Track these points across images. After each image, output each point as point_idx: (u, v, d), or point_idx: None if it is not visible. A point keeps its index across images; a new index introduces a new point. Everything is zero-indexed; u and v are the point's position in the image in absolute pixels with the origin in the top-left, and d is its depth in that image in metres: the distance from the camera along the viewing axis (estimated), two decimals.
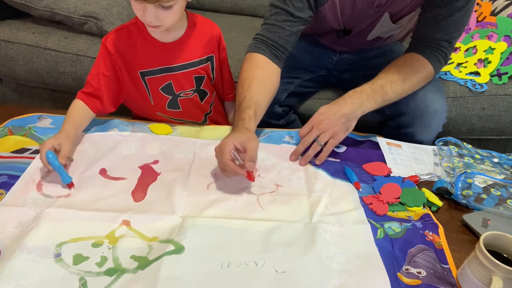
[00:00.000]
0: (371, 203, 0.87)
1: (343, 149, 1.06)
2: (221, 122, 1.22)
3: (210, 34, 1.04)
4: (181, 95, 1.07)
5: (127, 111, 1.17)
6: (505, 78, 1.35)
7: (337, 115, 0.98)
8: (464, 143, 1.08)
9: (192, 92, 1.08)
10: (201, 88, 1.08)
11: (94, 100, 1.02)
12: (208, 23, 1.06)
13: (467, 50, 1.42)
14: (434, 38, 1.04)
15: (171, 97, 1.07)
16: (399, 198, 0.89)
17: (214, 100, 1.16)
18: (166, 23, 0.91)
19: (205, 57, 1.05)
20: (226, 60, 1.12)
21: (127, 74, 1.03)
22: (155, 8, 0.86)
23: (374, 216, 0.85)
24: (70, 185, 0.85)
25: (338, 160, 1.01)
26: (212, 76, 1.10)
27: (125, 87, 1.05)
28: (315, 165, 0.99)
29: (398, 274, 0.71)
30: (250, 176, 0.86)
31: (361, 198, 0.89)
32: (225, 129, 1.09)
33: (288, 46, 1.06)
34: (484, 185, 0.90)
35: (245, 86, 0.99)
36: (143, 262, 0.70)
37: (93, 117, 1.04)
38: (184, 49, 1.01)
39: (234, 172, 0.85)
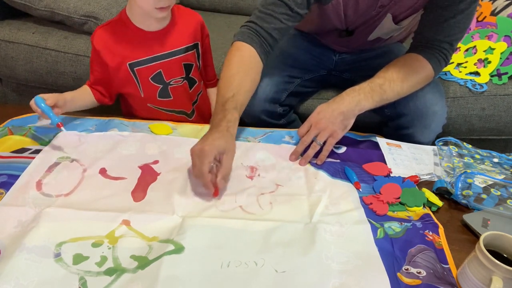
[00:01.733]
0: (371, 203, 0.87)
1: (343, 149, 1.06)
2: (206, 112, 1.24)
3: (194, 22, 1.08)
4: (171, 83, 1.08)
5: (126, 109, 1.17)
6: (505, 78, 1.35)
7: (335, 113, 0.98)
8: (464, 143, 1.08)
9: (182, 79, 1.09)
10: (190, 75, 1.10)
11: (93, 89, 1.10)
12: (190, 12, 1.09)
13: (467, 50, 1.42)
14: (435, 39, 1.04)
15: (161, 86, 1.08)
16: (399, 198, 0.89)
17: (202, 89, 1.20)
18: (173, 1, 0.96)
19: (191, 44, 1.07)
20: (209, 46, 1.16)
21: (115, 68, 1.06)
22: None
23: (374, 216, 0.85)
24: (58, 125, 0.88)
25: (338, 160, 1.01)
26: (198, 64, 1.12)
27: (115, 82, 1.08)
28: (315, 165, 0.99)
29: (398, 274, 0.71)
30: (217, 192, 0.85)
31: (361, 198, 0.89)
32: None
33: (279, 38, 1.05)
34: (484, 185, 0.90)
35: (234, 83, 0.96)
36: (143, 262, 0.70)
37: (95, 102, 1.11)
38: (171, 37, 1.03)
39: (205, 185, 0.84)
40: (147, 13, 0.97)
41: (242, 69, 0.99)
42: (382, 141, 1.10)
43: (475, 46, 1.40)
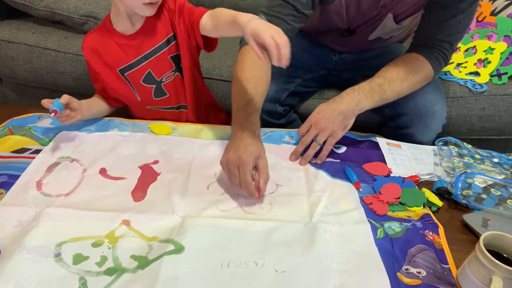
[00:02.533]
0: (371, 203, 0.87)
1: (343, 149, 1.06)
2: (209, 101, 1.22)
3: (166, 11, 1.01)
4: (163, 80, 1.06)
5: (127, 111, 1.17)
6: (505, 78, 1.35)
7: (335, 113, 0.98)
8: (464, 143, 1.08)
9: (173, 72, 1.07)
10: (180, 66, 1.06)
11: (102, 96, 1.12)
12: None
13: (467, 50, 1.42)
14: (435, 39, 1.04)
15: (155, 85, 1.07)
16: (399, 198, 0.89)
17: (198, 79, 1.13)
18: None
19: (171, 35, 1.02)
20: (188, 12, 1.00)
21: (107, 76, 1.06)
22: None
23: (374, 216, 0.85)
24: (53, 111, 0.90)
25: (338, 160, 1.01)
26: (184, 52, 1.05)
27: (111, 88, 1.08)
28: (315, 165, 0.99)
29: (398, 274, 0.71)
30: (259, 196, 0.85)
31: (361, 198, 0.89)
32: (225, 129, 1.09)
33: None
34: (484, 185, 0.90)
35: (251, 84, 0.96)
36: (143, 262, 0.70)
37: (109, 108, 1.13)
38: (150, 34, 1.00)
39: (251, 194, 0.83)
40: (134, 11, 0.95)
41: (255, 73, 0.98)
42: (382, 141, 1.10)
43: (475, 46, 1.40)
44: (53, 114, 0.92)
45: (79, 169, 0.91)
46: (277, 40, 0.73)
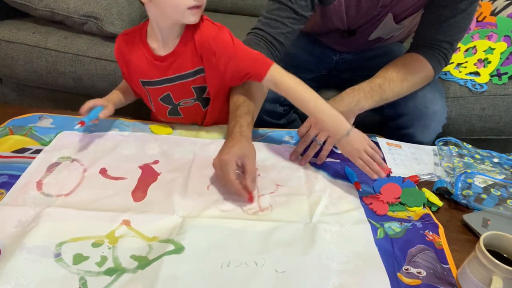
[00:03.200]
0: (371, 203, 0.87)
1: None
2: (221, 120, 1.14)
3: (199, 43, 0.93)
4: (181, 103, 1.04)
5: (128, 111, 1.16)
6: (505, 78, 1.35)
7: None
8: (464, 143, 1.08)
9: (193, 100, 1.04)
10: (203, 97, 1.03)
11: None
12: (204, 28, 0.94)
13: (467, 50, 1.42)
14: (435, 39, 1.04)
15: (171, 106, 1.05)
16: (399, 198, 0.89)
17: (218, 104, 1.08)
18: (203, 4, 0.90)
19: (201, 67, 0.97)
20: (229, 61, 0.93)
21: (130, 78, 1.04)
22: None
23: (374, 216, 0.85)
24: (81, 122, 0.91)
25: (338, 160, 1.01)
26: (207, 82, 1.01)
27: (133, 87, 1.07)
28: (315, 165, 0.99)
29: (398, 274, 0.71)
30: (251, 198, 0.85)
31: (361, 198, 0.89)
32: (225, 129, 1.08)
33: (287, 43, 1.05)
34: (484, 185, 0.91)
35: (244, 89, 0.97)
36: (143, 262, 0.70)
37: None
38: (179, 61, 0.95)
39: (238, 193, 0.84)
40: (178, 17, 0.88)
41: None
42: (382, 141, 1.10)
43: (475, 46, 1.40)
44: (79, 125, 0.91)
45: (80, 169, 0.91)
46: (364, 158, 0.86)
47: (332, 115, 0.89)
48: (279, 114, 1.27)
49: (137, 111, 1.15)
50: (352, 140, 0.87)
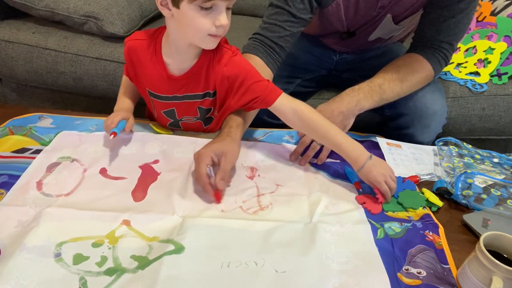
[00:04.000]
0: (364, 202, 0.87)
1: None
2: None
3: (214, 68, 0.92)
4: (183, 119, 1.04)
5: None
6: (505, 78, 1.35)
7: (334, 113, 0.99)
8: (464, 143, 1.08)
9: (195, 119, 1.03)
10: (206, 117, 1.03)
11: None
12: (222, 54, 0.92)
13: (467, 50, 1.42)
14: (435, 39, 1.04)
15: (172, 120, 1.05)
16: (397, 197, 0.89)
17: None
18: (228, 27, 0.86)
19: (212, 91, 0.95)
20: (241, 86, 0.92)
21: (136, 84, 1.02)
22: (226, 9, 0.84)
23: (374, 216, 0.85)
24: (113, 133, 0.90)
25: (338, 160, 1.01)
26: (216, 107, 1.00)
27: (138, 89, 1.04)
28: (315, 165, 0.99)
29: (398, 274, 0.71)
30: (218, 197, 0.85)
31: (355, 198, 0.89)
32: None
33: (286, 46, 1.05)
34: (484, 185, 0.91)
35: None
36: (143, 262, 0.70)
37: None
38: (190, 82, 0.94)
39: (203, 188, 0.84)
40: (197, 41, 0.86)
41: None
42: (382, 141, 1.10)
43: (475, 46, 1.40)
44: (112, 136, 0.90)
45: (80, 169, 0.91)
46: (391, 185, 0.87)
47: (351, 141, 0.89)
48: None
49: (136, 110, 1.15)
50: (376, 164, 0.88)
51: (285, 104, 0.92)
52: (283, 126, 1.29)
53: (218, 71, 0.91)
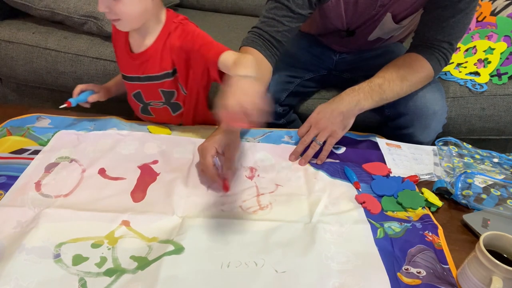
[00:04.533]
0: (364, 202, 0.87)
1: (342, 149, 1.06)
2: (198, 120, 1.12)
3: (177, 45, 0.94)
4: (151, 103, 1.06)
5: (127, 111, 1.16)
6: (505, 78, 1.35)
7: (334, 113, 0.99)
8: (464, 143, 1.08)
9: (161, 103, 1.05)
10: (172, 101, 1.04)
11: None
12: (182, 35, 0.94)
13: (467, 50, 1.42)
14: (435, 39, 1.04)
15: (142, 104, 1.07)
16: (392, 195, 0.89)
17: (194, 107, 1.08)
18: (123, 17, 0.88)
19: (170, 71, 0.98)
20: (202, 52, 0.92)
21: (119, 65, 1.07)
22: None
23: (374, 216, 0.85)
24: (67, 102, 0.95)
25: (338, 160, 1.01)
26: (183, 90, 1.02)
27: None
28: (314, 165, 0.99)
29: (398, 274, 0.71)
30: (225, 186, 0.86)
31: (355, 197, 0.89)
32: None
33: (284, 41, 1.05)
34: (484, 185, 0.90)
35: None
36: (142, 263, 0.70)
37: None
38: (149, 61, 0.97)
39: (211, 178, 0.86)
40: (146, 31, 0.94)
41: None
42: (381, 142, 1.10)
43: (475, 46, 1.40)
44: (65, 105, 0.94)
45: (78, 169, 0.91)
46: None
47: None
48: (279, 114, 1.27)
49: (132, 111, 1.15)
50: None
51: (228, 58, 0.88)
52: (284, 125, 1.30)
53: (173, 46, 0.95)
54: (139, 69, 0.99)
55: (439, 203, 0.88)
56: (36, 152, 0.95)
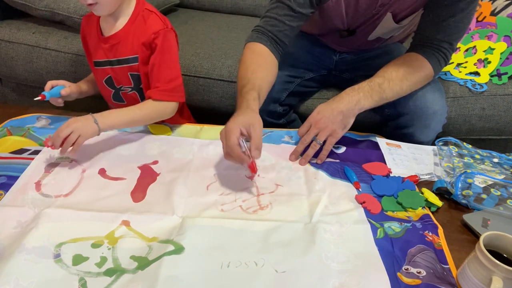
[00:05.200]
0: (364, 202, 0.87)
1: (342, 149, 1.06)
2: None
3: (149, 33, 0.99)
4: (121, 89, 1.09)
5: None
6: (505, 78, 1.35)
7: (334, 112, 0.99)
8: (464, 143, 1.08)
9: (130, 89, 1.08)
10: (140, 87, 1.08)
11: None
12: (150, 21, 1.00)
13: (466, 50, 1.42)
14: (435, 39, 1.04)
15: (113, 90, 1.10)
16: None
17: None
18: (101, 1, 0.92)
19: (136, 55, 1.03)
20: (160, 63, 1.00)
21: (89, 59, 1.10)
22: None
23: (374, 216, 0.84)
24: (41, 95, 0.97)
25: (338, 160, 1.01)
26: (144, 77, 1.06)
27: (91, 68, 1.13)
28: (314, 165, 0.99)
29: (398, 274, 0.71)
30: (253, 167, 0.85)
31: (355, 197, 0.89)
32: None
33: (286, 40, 1.06)
34: (484, 185, 0.90)
35: (249, 71, 0.98)
36: (143, 263, 0.70)
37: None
38: (120, 44, 1.02)
39: (239, 159, 0.83)
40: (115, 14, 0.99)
41: (255, 61, 1.01)
42: (381, 141, 1.10)
43: (475, 46, 1.40)
44: (39, 98, 0.97)
45: (78, 169, 0.91)
46: None
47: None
48: (279, 114, 1.27)
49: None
50: None
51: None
52: (284, 125, 1.30)
53: (144, 36, 1.00)
54: (110, 52, 1.03)
55: (439, 203, 0.88)
56: (36, 152, 0.95)
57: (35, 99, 0.97)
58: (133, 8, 1.01)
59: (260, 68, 1.00)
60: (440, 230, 0.82)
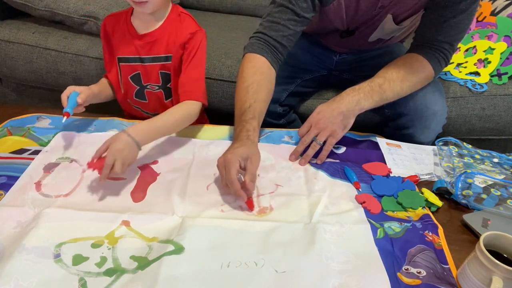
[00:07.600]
0: (364, 202, 0.87)
1: (342, 149, 1.06)
2: None
3: (185, 33, 1.02)
4: (147, 87, 1.09)
5: (120, 112, 1.17)
6: (505, 78, 1.35)
7: (334, 113, 0.99)
8: (464, 143, 1.08)
9: (157, 87, 1.09)
10: (167, 86, 1.09)
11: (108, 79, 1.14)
12: (186, 25, 1.03)
13: (467, 50, 1.42)
14: (435, 40, 1.04)
15: (138, 87, 1.10)
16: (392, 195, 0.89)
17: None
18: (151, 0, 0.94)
19: (170, 55, 1.04)
20: (190, 61, 1.03)
21: (109, 59, 1.10)
22: None
23: (374, 216, 0.84)
24: (65, 114, 0.93)
25: (338, 160, 1.01)
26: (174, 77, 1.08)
27: (107, 70, 1.13)
28: (314, 165, 0.99)
29: (398, 274, 0.71)
30: (251, 204, 0.84)
31: (355, 197, 0.89)
32: (224, 129, 1.09)
33: (289, 45, 1.06)
34: (484, 185, 0.90)
35: (250, 92, 0.97)
36: (142, 263, 0.70)
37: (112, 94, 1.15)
38: (155, 43, 1.03)
39: (237, 193, 0.83)
40: (133, 7, 0.99)
41: (256, 80, 0.99)
42: (381, 141, 1.10)
43: (475, 46, 1.40)
44: (65, 118, 0.94)
45: (78, 169, 0.91)
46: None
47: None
48: (279, 114, 1.27)
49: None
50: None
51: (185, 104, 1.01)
52: (284, 126, 1.30)
53: (181, 37, 1.02)
54: (143, 50, 1.04)
55: (439, 203, 0.88)
56: (36, 152, 0.95)
57: (63, 121, 0.94)
58: (170, 10, 1.03)
59: (261, 88, 0.99)
60: (440, 230, 0.82)
